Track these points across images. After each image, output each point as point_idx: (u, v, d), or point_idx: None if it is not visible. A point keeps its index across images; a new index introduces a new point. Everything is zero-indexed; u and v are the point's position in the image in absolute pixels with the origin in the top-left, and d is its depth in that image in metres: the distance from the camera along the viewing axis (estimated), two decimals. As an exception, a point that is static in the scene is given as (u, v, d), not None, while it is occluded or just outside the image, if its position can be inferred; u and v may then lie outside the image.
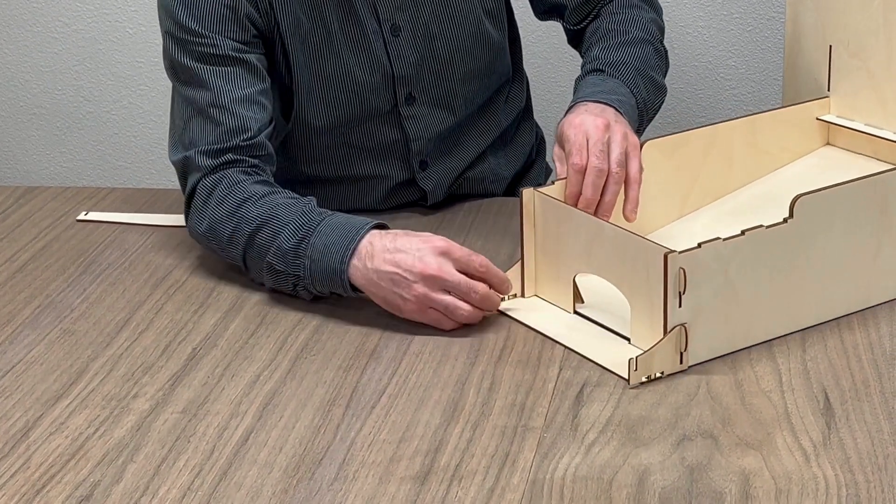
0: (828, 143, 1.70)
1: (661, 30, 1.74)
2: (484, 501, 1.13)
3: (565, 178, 1.46)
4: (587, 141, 1.47)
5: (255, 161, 1.57)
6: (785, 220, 1.35)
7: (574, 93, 1.62)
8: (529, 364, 1.35)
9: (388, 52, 1.64)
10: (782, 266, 1.36)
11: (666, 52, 1.74)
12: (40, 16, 2.45)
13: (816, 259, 1.38)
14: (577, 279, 1.43)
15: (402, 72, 1.65)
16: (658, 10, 1.76)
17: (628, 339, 1.37)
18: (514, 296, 1.47)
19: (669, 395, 1.29)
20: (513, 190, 1.81)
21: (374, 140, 1.69)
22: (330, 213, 1.49)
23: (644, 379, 1.30)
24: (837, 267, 1.40)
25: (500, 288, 1.44)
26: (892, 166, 1.48)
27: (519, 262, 1.48)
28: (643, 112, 1.63)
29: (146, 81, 2.46)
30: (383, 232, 1.45)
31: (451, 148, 1.73)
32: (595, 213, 1.44)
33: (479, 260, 1.42)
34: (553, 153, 1.52)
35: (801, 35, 1.70)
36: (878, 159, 1.62)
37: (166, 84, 2.44)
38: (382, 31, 1.63)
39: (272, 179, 1.58)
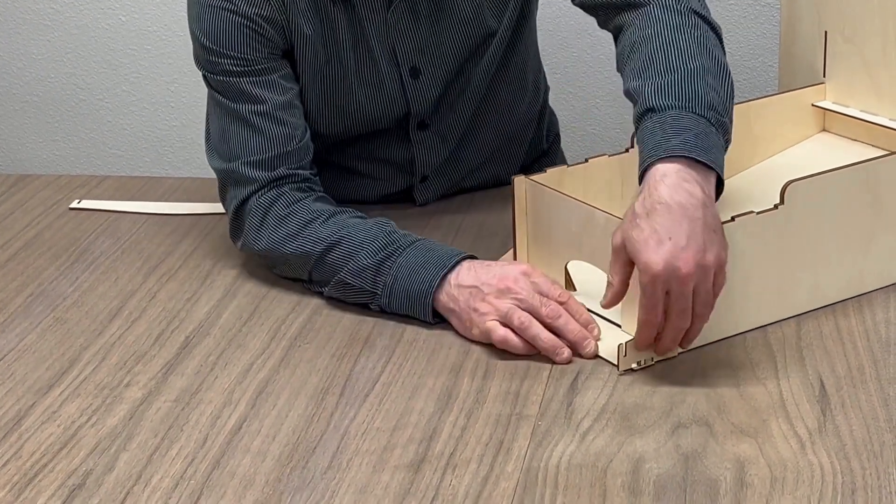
0: (824, 130, 1.69)
1: (707, 21, 1.45)
2: (478, 489, 1.13)
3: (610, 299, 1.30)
4: (668, 289, 1.24)
5: (307, 174, 1.53)
6: (776, 207, 1.34)
7: (641, 159, 1.32)
8: (524, 352, 1.35)
9: (405, 94, 1.60)
10: (774, 252, 1.35)
11: (720, 39, 1.46)
12: (32, 3, 2.44)
13: (808, 245, 1.37)
14: (568, 267, 1.42)
15: (419, 109, 1.63)
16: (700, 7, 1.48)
17: (620, 326, 1.36)
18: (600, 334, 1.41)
19: (664, 382, 1.28)
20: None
21: (379, 151, 1.67)
22: (415, 236, 1.45)
23: (634, 365, 1.30)
24: (829, 253, 1.39)
25: (584, 326, 1.34)
26: (885, 153, 1.48)
27: (511, 250, 1.47)
28: (724, 126, 1.36)
29: (139, 69, 2.45)
30: (476, 262, 1.41)
31: (453, 164, 1.70)
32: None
33: (559, 291, 1.36)
34: (610, 267, 1.29)
35: (797, 21, 1.70)
36: (873, 145, 1.61)
37: (158, 73, 2.45)
38: (401, 74, 1.59)
39: (327, 195, 1.54)
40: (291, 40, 1.54)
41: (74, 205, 1.76)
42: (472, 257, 1.42)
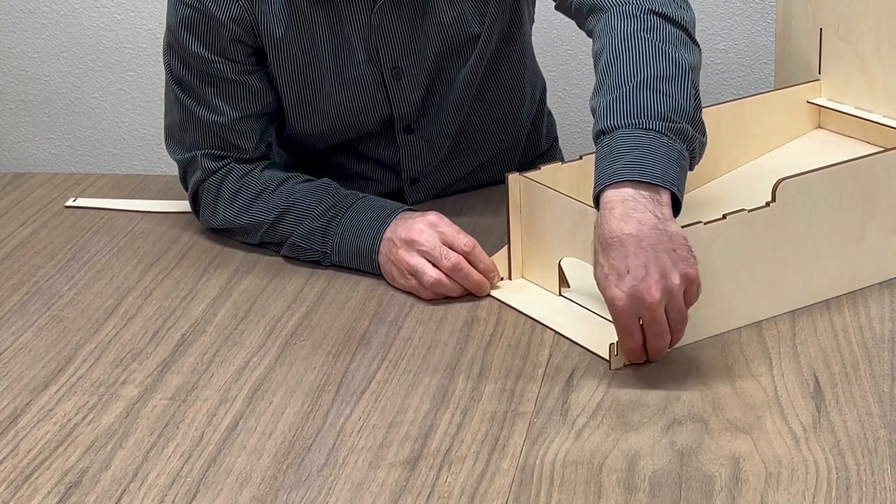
0: (819, 127, 1.69)
1: (688, 32, 1.45)
2: (474, 486, 1.13)
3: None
4: (636, 321, 1.26)
5: (257, 160, 1.61)
6: (767, 204, 1.34)
7: (600, 175, 1.30)
8: (519, 349, 1.35)
9: (388, 95, 1.61)
10: (765, 250, 1.35)
11: (697, 47, 1.46)
12: (27, 2, 2.44)
13: (800, 242, 1.38)
14: (562, 264, 1.43)
15: (403, 112, 1.63)
16: (683, 8, 1.47)
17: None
18: (501, 279, 1.47)
19: (659, 379, 1.29)
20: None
21: (368, 153, 1.68)
22: (359, 195, 1.54)
23: (626, 363, 1.30)
24: (821, 250, 1.40)
25: (485, 274, 1.45)
26: (878, 150, 1.48)
27: (506, 247, 1.48)
28: (682, 132, 1.33)
29: (134, 68, 2.45)
30: (404, 214, 1.50)
31: (444, 167, 1.70)
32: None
33: (465, 239, 1.44)
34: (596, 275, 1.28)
35: (792, 18, 1.70)
36: (867, 142, 1.61)
37: (154, 70, 2.45)
38: (383, 74, 1.59)
39: (274, 159, 1.62)
40: (262, 41, 1.55)
41: (70, 203, 1.76)
42: (410, 209, 1.50)
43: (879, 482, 1.11)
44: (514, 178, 1.44)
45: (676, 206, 1.29)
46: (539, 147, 1.80)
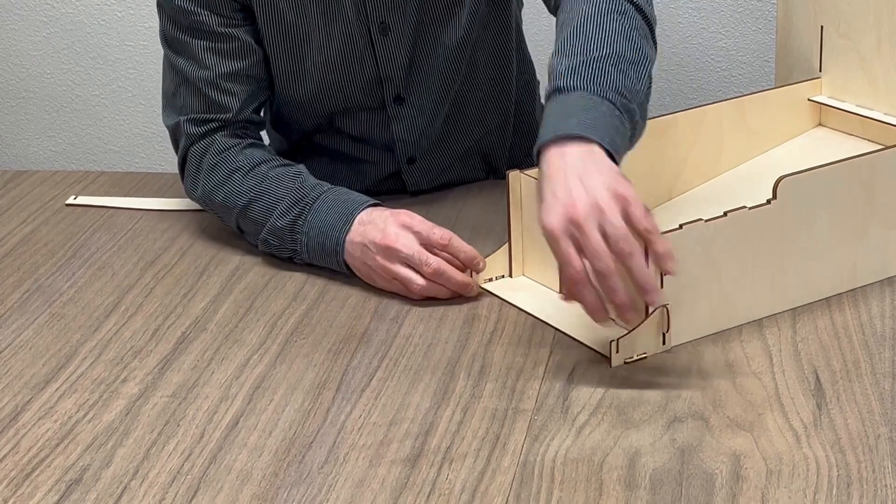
0: (820, 125, 1.69)
1: (644, 13, 1.46)
2: (474, 484, 1.13)
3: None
4: (575, 243, 1.24)
5: (240, 129, 1.61)
6: (768, 202, 1.34)
7: (544, 126, 1.32)
8: (520, 346, 1.35)
9: (375, 53, 1.61)
10: (766, 247, 1.35)
11: (651, 36, 1.47)
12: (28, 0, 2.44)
13: (801, 240, 1.38)
14: None
15: (390, 73, 1.63)
16: None
17: (614, 321, 1.36)
18: (502, 276, 1.47)
19: (660, 376, 1.29)
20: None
21: (361, 130, 1.69)
22: (324, 187, 1.52)
23: (626, 360, 1.30)
24: (822, 248, 1.40)
25: (468, 263, 1.44)
26: (879, 147, 1.48)
27: (506, 244, 1.48)
28: (633, 133, 1.36)
29: (134, 65, 2.45)
30: (366, 214, 1.48)
31: (440, 145, 1.71)
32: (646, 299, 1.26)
33: (440, 233, 1.44)
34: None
35: (793, 15, 1.70)
36: (868, 140, 1.61)
37: (154, 68, 2.45)
38: (370, 30, 1.60)
39: (261, 140, 1.63)
40: (255, 6, 1.57)
41: (71, 201, 1.76)
42: (376, 204, 1.49)
43: (880, 479, 1.11)
44: (514, 176, 1.44)
45: None
46: (534, 117, 1.80)
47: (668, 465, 1.15)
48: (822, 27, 1.66)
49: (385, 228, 1.45)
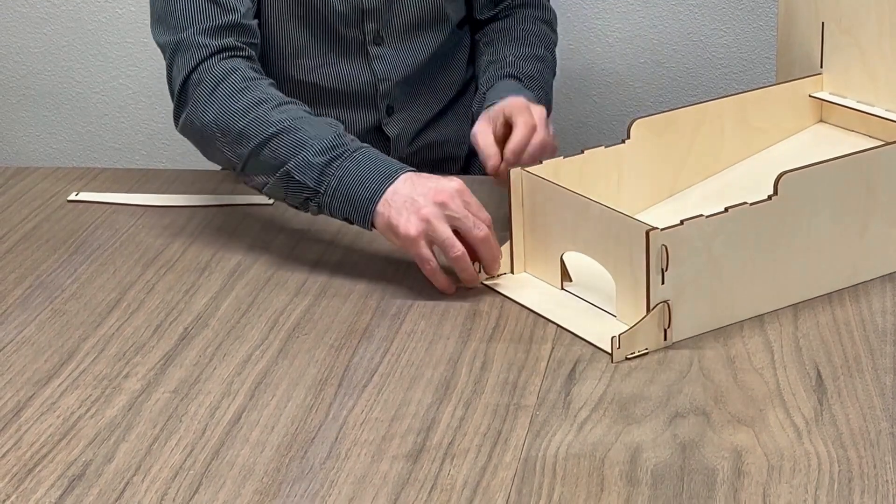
0: (821, 121, 1.69)
1: (555, 39, 1.83)
2: (476, 479, 1.13)
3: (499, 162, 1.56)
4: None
5: (253, 53, 1.59)
6: (769, 198, 1.34)
7: (487, 88, 1.69)
8: (521, 342, 1.35)
9: None
10: (767, 243, 1.36)
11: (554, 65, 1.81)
12: (29, -4, 2.44)
13: (802, 236, 1.38)
14: (564, 258, 1.43)
15: (371, 5, 1.68)
16: (552, 14, 1.84)
17: (615, 316, 1.37)
18: (503, 273, 1.47)
19: (661, 372, 1.29)
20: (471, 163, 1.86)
21: (343, 82, 1.72)
22: (365, 145, 1.49)
23: (627, 356, 1.30)
24: (823, 244, 1.40)
25: (491, 263, 1.44)
26: (880, 143, 1.48)
27: (508, 241, 1.48)
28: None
29: (135, 62, 2.45)
30: (415, 175, 1.46)
31: (417, 95, 1.76)
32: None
33: (485, 214, 1.44)
34: (477, 129, 1.59)
35: (795, 11, 1.70)
36: (870, 136, 1.61)
37: (155, 64, 2.44)
38: None
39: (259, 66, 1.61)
40: None
41: (72, 197, 1.76)
42: (414, 170, 1.47)
43: (882, 475, 1.12)
44: (516, 173, 1.45)
45: None
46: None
47: (669, 460, 1.15)
48: (823, 23, 1.66)
49: (441, 186, 1.42)
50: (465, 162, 1.87)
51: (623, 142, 1.51)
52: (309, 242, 1.60)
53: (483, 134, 1.58)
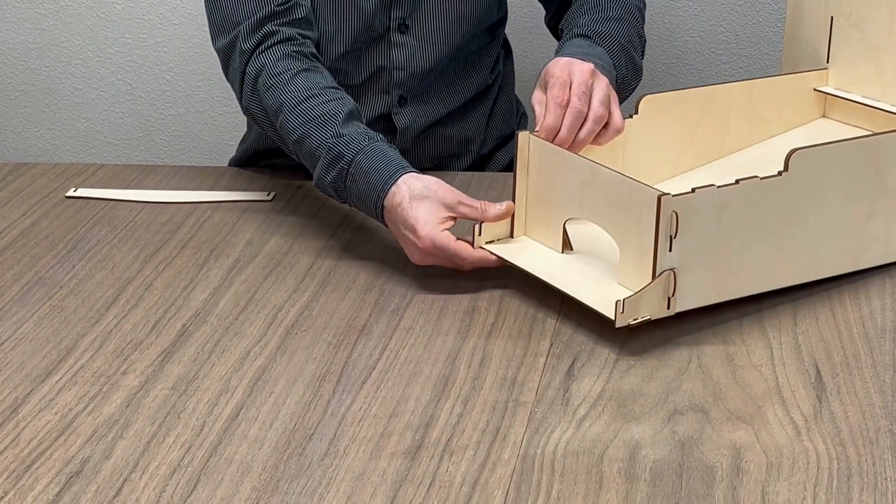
0: (824, 116, 1.69)
1: (643, 17, 1.75)
2: (475, 476, 1.13)
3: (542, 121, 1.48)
4: (571, 80, 1.48)
5: (293, 33, 1.62)
6: (779, 173, 1.34)
7: (557, 53, 1.62)
8: (520, 338, 1.35)
9: None
10: (774, 219, 1.35)
11: (645, 40, 1.74)
12: (27, -8, 2.43)
13: (809, 215, 1.38)
14: (566, 228, 1.43)
15: None
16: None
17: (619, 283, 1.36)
18: (501, 240, 1.46)
19: (660, 369, 1.29)
20: (486, 162, 1.84)
21: (360, 70, 1.72)
22: (361, 147, 1.50)
23: (630, 322, 1.29)
24: (830, 225, 1.39)
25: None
26: (890, 129, 1.48)
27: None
28: (619, 89, 1.62)
29: (133, 58, 2.45)
30: (412, 176, 1.47)
31: (432, 90, 1.75)
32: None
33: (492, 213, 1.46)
34: (533, 97, 1.52)
35: (803, 5, 1.69)
36: (873, 132, 1.61)
37: (154, 60, 2.44)
38: None
39: (314, 50, 1.63)
40: None
41: (71, 193, 1.76)
42: (410, 171, 1.48)
43: (881, 472, 1.11)
44: (523, 137, 1.45)
45: None
46: (510, 121, 1.87)
47: (668, 457, 1.15)
48: (831, 18, 1.66)
49: (408, 247, 1.46)
50: (480, 157, 1.84)
51: (631, 116, 1.52)
52: (307, 239, 1.59)
53: (538, 104, 1.52)
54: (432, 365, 1.31)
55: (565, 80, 1.47)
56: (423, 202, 1.44)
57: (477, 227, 1.45)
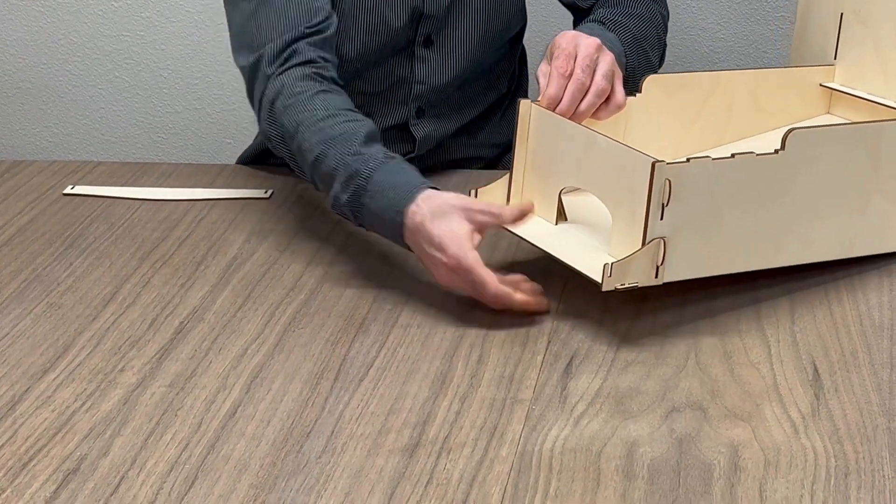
0: (828, 112, 1.69)
1: (665, 25, 1.74)
2: (472, 474, 1.13)
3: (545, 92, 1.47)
4: (576, 53, 1.47)
5: (316, 53, 1.59)
6: (776, 151, 1.34)
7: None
8: (518, 336, 1.35)
9: None
10: (768, 197, 1.35)
11: (665, 45, 1.73)
12: (25, -11, 2.43)
13: (803, 196, 1.37)
14: (562, 199, 1.43)
15: (432, 11, 1.68)
16: (667, 9, 1.76)
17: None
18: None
19: (658, 366, 1.29)
20: (497, 165, 1.83)
21: (381, 83, 1.72)
22: (378, 166, 1.45)
23: (618, 286, 1.29)
24: (825, 208, 1.39)
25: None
26: (888, 118, 1.48)
27: (507, 174, 1.47)
28: (626, 78, 1.61)
29: (131, 55, 2.45)
30: (429, 196, 1.42)
31: (450, 102, 1.75)
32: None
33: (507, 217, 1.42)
34: (539, 69, 1.51)
35: (815, 1, 1.69)
36: None
37: (152, 58, 2.44)
38: None
39: (333, 73, 1.59)
40: None
41: (68, 190, 1.75)
42: (431, 187, 1.43)
43: (878, 470, 1.11)
44: (525, 105, 1.45)
45: None
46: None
47: (665, 455, 1.15)
48: (841, 14, 1.66)
49: (436, 268, 1.41)
50: (493, 159, 1.84)
51: (634, 94, 1.51)
52: (305, 236, 1.59)
53: (542, 75, 1.51)
54: (430, 362, 1.31)
55: (570, 52, 1.47)
56: (444, 218, 1.39)
57: (472, 192, 1.45)
